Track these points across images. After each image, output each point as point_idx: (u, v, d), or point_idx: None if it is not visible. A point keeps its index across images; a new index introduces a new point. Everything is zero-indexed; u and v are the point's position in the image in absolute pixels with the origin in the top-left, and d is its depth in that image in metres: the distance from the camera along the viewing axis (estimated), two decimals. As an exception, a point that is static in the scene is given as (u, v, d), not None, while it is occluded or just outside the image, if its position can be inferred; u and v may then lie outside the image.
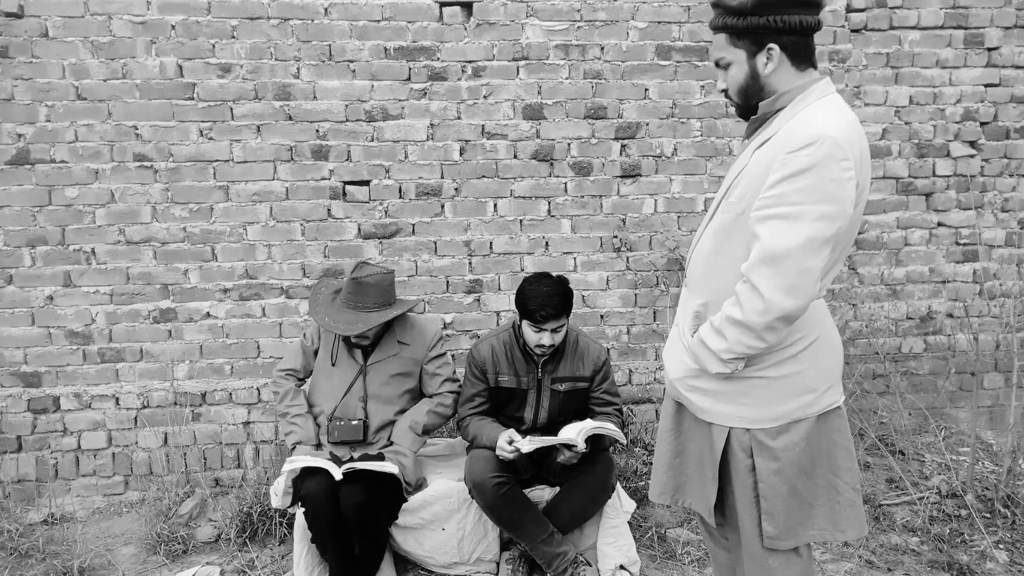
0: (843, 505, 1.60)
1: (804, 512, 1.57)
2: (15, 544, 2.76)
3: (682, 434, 1.74)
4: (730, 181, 1.57)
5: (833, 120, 1.42)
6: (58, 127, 3.09)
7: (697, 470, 1.70)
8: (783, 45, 1.49)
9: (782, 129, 1.47)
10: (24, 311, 3.16)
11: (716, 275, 1.58)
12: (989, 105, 3.55)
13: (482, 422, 2.59)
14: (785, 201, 1.39)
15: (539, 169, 3.37)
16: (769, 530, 1.56)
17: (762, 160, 1.48)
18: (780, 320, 1.42)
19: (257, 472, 3.21)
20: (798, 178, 1.38)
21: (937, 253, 3.61)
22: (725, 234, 1.55)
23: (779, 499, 1.54)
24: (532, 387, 2.62)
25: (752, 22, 1.48)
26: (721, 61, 1.57)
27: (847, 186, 1.39)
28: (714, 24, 1.56)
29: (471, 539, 2.60)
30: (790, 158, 1.40)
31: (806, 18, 1.48)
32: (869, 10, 3.44)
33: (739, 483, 1.60)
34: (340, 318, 2.56)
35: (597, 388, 2.65)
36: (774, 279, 1.40)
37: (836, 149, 1.37)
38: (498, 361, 2.61)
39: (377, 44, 3.22)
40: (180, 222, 3.21)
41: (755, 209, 1.45)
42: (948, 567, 2.56)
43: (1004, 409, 3.59)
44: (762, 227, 1.42)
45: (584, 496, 2.53)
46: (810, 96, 1.50)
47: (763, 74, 1.52)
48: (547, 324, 2.46)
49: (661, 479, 1.77)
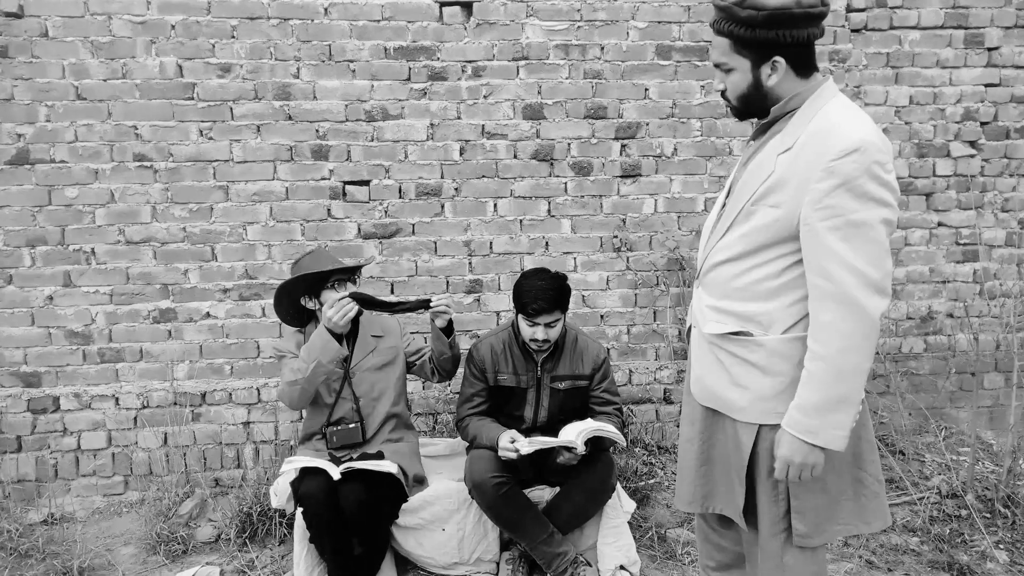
0: (868, 497, 1.61)
1: (832, 508, 1.59)
2: (15, 544, 2.76)
3: (706, 440, 1.73)
4: (756, 186, 1.54)
5: (862, 124, 1.44)
6: (58, 127, 3.09)
7: (724, 475, 1.70)
8: (787, 56, 1.49)
9: (805, 134, 1.47)
10: (24, 311, 3.16)
11: (738, 275, 1.58)
12: (989, 105, 3.55)
13: (482, 422, 2.58)
14: (846, 209, 1.41)
15: (539, 169, 3.37)
16: (800, 528, 1.56)
17: (796, 167, 1.47)
18: (879, 320, 1.44)
19: (257, 472, 3.21)
20: (851, 185, 1.40)
21: (937, 253, 3.61)
22: (757, 238, 1.54)
23: (810, 496, 1.56)
24: (532, 386, 2.61)
25: (760, 35, 1.46)
26: (723, 65, 1.55)
27: (894, 184, 1.44)
28: (718, 28, 1.52)
29: (471, 539, 2.59)
30: (837, 166, 1.40)
31: (813, 31, 1.48)
32: (869, 10, 3.44)
33: (763, 482, 1.60)
34: (318, 264, 2.57)
35: (597, 387, 2.64)
36: (863, 283, 1.41)
37: (879, 154, 1.41)
38: (497, 360, 2.61)
39: (377, 44, 3.22)
40: (180, 222, 3.21)
41: (814, 220, 1.44)
42: (948, 567, 2.56)
43: (1004, 409, 3.59)
44: (829, 238, 1.42)
45: (584, 496, 2.53)
46: (820, 98, 1.51)
47: (767, 84, 1.52)
48: (540, 318, 2.46)
49: (689, 488, 1.77)
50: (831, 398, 1.44)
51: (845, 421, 1.45)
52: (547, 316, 2.46)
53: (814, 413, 1.46)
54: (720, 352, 1.63)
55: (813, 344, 1.46)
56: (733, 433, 1.63)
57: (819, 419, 1.45)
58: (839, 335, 1.42)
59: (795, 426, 1.48)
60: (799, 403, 1.48)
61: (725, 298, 1.61)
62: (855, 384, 1.44)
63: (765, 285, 1.54)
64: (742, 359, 1.58)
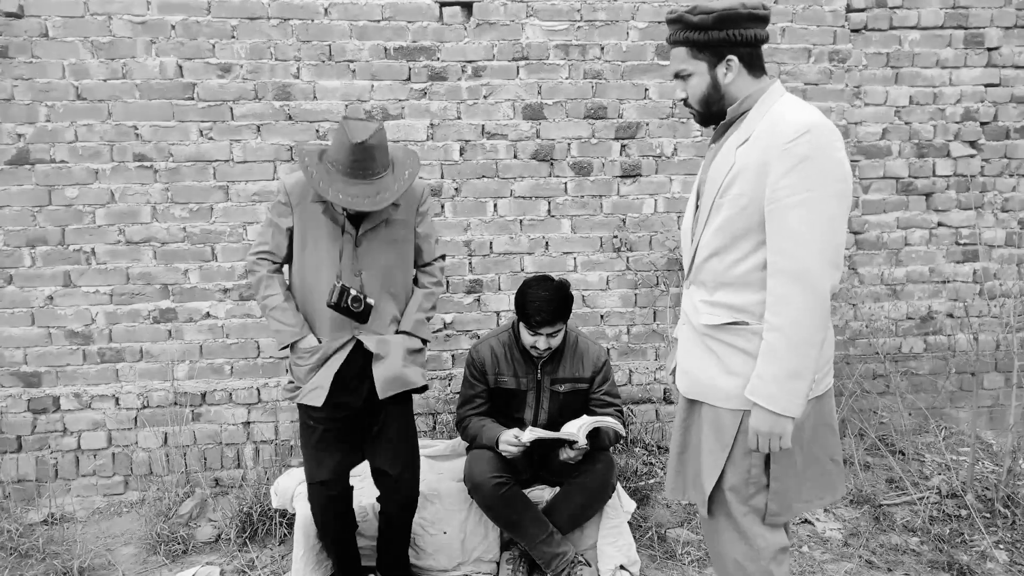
0: (823, 474, 1.76)
1: (798, 487, 1.70)
2: (15, 544, 2.76)
3: (685, 430, 1.82)
4: (720, 180, 1.65)
5: (811, 112, 1.57)
6: (58, 127, 3.09)
7: (695, 461, 1.78)
8: (740, 56, 1.64)
9: (760, 127, 1.60)
10: (24, 311, 3.16)
11: (726, 269, 1.66)
12: (989, 105, 3.55)
13: (483, 422, 2.59)
14: (800, 188, 1.51)
15: (539, 169, 3.37)
16: (773, 507, 1.66)
17: (753, 156, 1.58)
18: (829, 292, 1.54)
19: (257, 472, 3.21)
20: (805, 165, 1.51)
21: (937, 253, 3.61)
22: (732, 230, 1.63)
23: (787, 477, 1.66)
24: (532, 388, 2.62)
25: (713, 36, 1.62)
26: (682, 72, 1.70)
27: (845, 164, 1.55)
28: (674, 39, 1.69)
29: (472, 539, 2.60)
30: (791, 147, 1.52)
31: (759, 32, 1.64)
32: (869, 10, 3.44)
33: (737, 462, 1.68)
34: (354, 191, 2.11)
35: (597, 389, 2.64)
36: (818, 258, 1.51)
37: (829, 133, 1.53)
38: (498, 361, 2.61)
39: (377, 44, 3.22)
40: (180, 222, 3.21)
41: (770, 201, 1.55)
42: (948, 567, 2.56)
43: (1004, 409, 3.60)
44: (787, 216, 1.53)
45: (584, 496, 2.53)
46: (771, 96, 1.65)
47: (723, 83, 1.66)
48: (543, 329, 2.46)
49: (671, 476, 1.86)
50: (787, 367, 1.54)
51: (801, 388, 1.54)
52: (549, 328, 2.47)
53: (772, 380, 1.55)
54: (712, 342, 1.70)
55: (769, 316, 1.56)
56: (713, 418, 1.70)
57: (776, 386, 1.55)
58: (792, 308, 1.53)
59: (755, 392, 1.58)
60: (759, 371, 1.58)
61: (717, 291, 1.69)
62: (808, 354, 1.53)
63: (755, 275, 1.62)
64: (736, 347, 1.65)
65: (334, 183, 2.12)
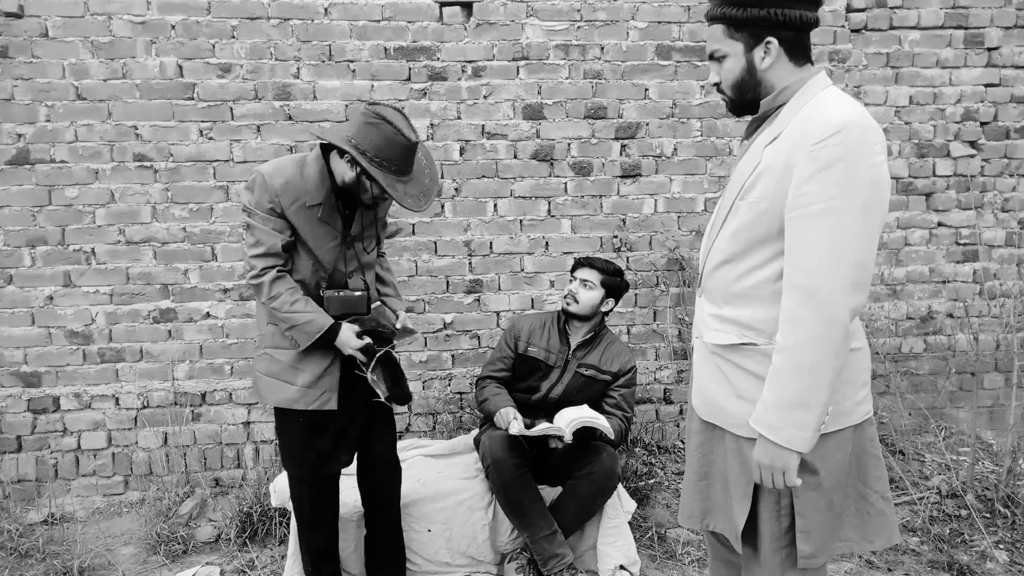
0: (872, 515, 1.54)
1: (835, 525, 1.52)
2: (15, 544, 2.76)
3: (706, 455, 1.66)
4: (743, 181, 1.49)
5: (849, 108, 1.36)
6: (58, 127, 3.09)
7: (722, 492, 1.63)
8: (781, 39, 1.44)
9: (792, 123, 1.42)
10: (24, 311, 3.16)
11: (737, 278, 1.51)
12: (989, 105, 3.55)
13: (499, 390, 2.72)
14: (825, 195, 1.33)
15: (539, 169, 3.37)
16: (804, 549, 1.48)
17: (779, 156, 1.41)
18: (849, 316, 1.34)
19: (257, 472, 3.20)
20: (831, 170, 1.32)
21: (937, 253, 3.61)
22: (748, 235, 1.48)
23: (817, 515, 1.47)
24: (559, 365, 2.75)
25: (752, 13, 1.43)
26: (716, 53, 1.52)
27: (882, 169, 1.34)
28: (711, 14, 1.50)
29: (460, 540, 2.59)
30: (818, 150, 1.33)
31: (806, 14, 1.44)
32: (869, 10, 3.44)
33: (766, 498, 1.52)
34: (413, 191, 2.03)
35: (616, 389, 2.74)
36: (836, 276, 1.33)
37: (865, 134, 1.33)
38: (534, 332, 2.79)
39: (377, 44, 3.22)
40: (180, 222, 3.21)
41: (791, 207, 1.37)
42: (948, 567, 2.56)
43: (1004, 409, 3.60)
44: (807, 226, 1.35)
45: (591, 487, 2.54)
46: (811, 89, 1.45)
47: (760, 68, 1.47)
48: (579, 271, 2.76)
49: (687, 503, 1.72)
50: (792, 393, 1.36)
51: (808, 420, 1.35)
52: (587, 271, 2.73)
53: (774, 408, 1.38)
54: (722, 362, 1.56)
55: (779, 336, 1.39)
56: (736, 449, 1.55)
57: (779, 414, 1.37)
58: (802, 329, 1.34)
59: (757, 420, 1.42)
60: (763, 397, 1.41)
61: (726, 304, 1.54)
62: (818, 382, 1.34)
63: (767, 288, 1.46)
64: (745, 369, 1.51)
65: (392, 184, 2.00)
